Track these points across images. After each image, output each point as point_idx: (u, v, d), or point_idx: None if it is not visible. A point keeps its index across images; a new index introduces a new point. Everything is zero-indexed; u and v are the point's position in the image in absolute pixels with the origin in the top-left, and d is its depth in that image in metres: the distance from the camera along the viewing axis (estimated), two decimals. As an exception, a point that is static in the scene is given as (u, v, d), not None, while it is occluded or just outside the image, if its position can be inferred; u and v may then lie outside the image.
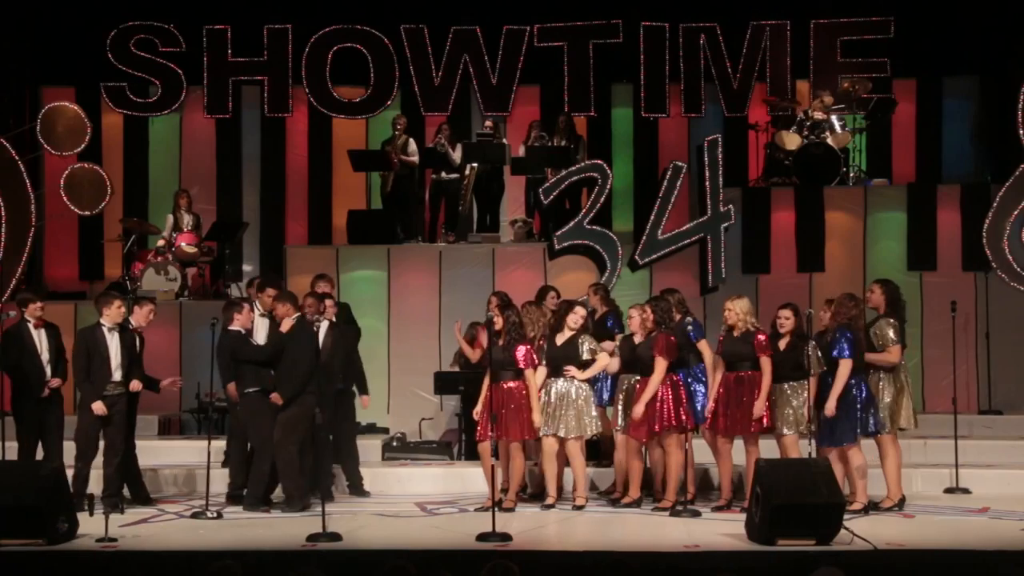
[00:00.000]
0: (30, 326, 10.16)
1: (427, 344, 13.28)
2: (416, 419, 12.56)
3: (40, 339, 10.14)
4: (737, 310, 9.75)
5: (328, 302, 10.71)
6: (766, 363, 9.61)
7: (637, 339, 9.90)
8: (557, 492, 10.03)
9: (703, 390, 10.10)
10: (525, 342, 9.96)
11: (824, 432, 9.53)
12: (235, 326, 10.13)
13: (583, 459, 10.06)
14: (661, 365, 9.68)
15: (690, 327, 10.22)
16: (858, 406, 9.46)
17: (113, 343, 9.92)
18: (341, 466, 10.79)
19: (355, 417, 11.05)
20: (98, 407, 9.77)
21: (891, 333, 9.66)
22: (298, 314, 10.12)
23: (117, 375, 9.90)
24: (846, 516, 8.45)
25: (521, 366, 9.88)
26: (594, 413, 10.02)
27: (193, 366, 12.47)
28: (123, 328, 10.06)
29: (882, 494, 9.77)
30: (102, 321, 9.96)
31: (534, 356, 9.94)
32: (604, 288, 11.88)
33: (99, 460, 9.97)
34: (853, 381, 9.45)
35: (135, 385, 9.99)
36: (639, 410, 9.63)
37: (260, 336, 10.45)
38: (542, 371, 9.98)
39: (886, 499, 9.69)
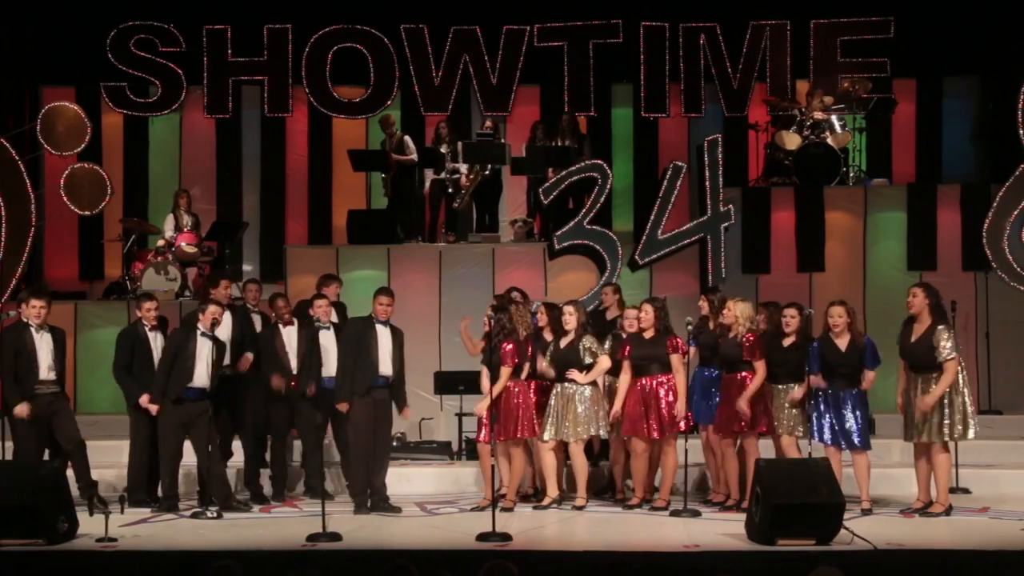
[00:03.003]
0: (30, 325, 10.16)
1: (427, 344, 13.27)
2: (416, 419, 12.55)
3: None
4: (737, 312, 9.74)
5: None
6: (759, 365, 9.62)
7: (647, 336, 9.88)
8: (558, 492, 10.03)
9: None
10: (510, 340, 9.96)
11: (835, 435, 9.51)
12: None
13: (584, 460, 10.05)
14: (678, 362, 9.72)
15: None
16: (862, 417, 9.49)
17: (42, 343, 9.85)
18: (343, 465, 10.79)
19: None
20: (19, 410, 9.70)
21: (950, 342, 9.24)
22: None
23: (51, 375, 9.84)
24: (847, 516, 8.45)
25: (503, 363, 9.86)
26: (602, 415, 9.98)
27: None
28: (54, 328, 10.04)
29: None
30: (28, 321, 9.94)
31: (513, 355, 9.90)
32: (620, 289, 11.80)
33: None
34: (856, 389, 9.49)
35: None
36: (681, 409, 9.64)
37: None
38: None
39: (936, 504, 9.43)
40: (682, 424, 9.71)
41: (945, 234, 13.99)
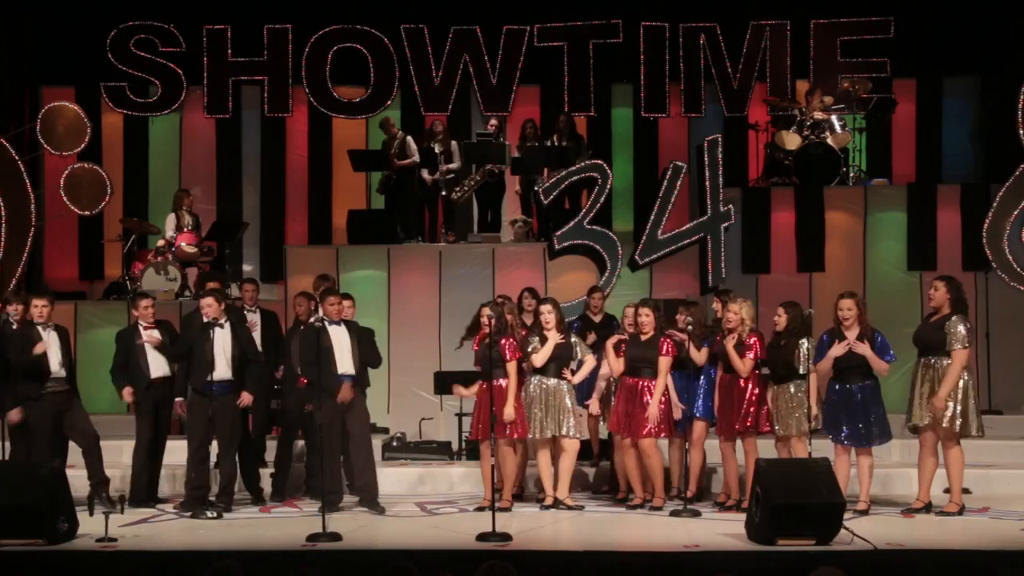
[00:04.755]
0: (12, 326, 10.17)
1: (427, 344, 13.28)
2: (416, 419, 12.56)
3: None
4: (743, 314, 9.74)
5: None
6: (747, 362, 9.64)
7: (645, 338, 9.89)
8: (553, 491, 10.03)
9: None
10: (505, 337, 9.96)
11: (854, 432, 9.49)
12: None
13: (575, 459, 10.03)
14: (665, 365, 9.72)
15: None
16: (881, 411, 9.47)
17: (51, 341, 9.86)
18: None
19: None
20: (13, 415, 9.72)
21: (964, 332, 9.19)
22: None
23: (62, 372, 9.88)
24: (847, 516, 8.45)
25: (507, 358, 9.85)
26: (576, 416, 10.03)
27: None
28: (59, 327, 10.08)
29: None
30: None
31: (514, 349, 9.89)
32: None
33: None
34: (869, 383, 9.47)
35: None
36: (654, 411, 9.65)
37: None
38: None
39: (951, 504, 9.44)
40: (653, 428, 9.68)
41: (945, 234, 13.98)
